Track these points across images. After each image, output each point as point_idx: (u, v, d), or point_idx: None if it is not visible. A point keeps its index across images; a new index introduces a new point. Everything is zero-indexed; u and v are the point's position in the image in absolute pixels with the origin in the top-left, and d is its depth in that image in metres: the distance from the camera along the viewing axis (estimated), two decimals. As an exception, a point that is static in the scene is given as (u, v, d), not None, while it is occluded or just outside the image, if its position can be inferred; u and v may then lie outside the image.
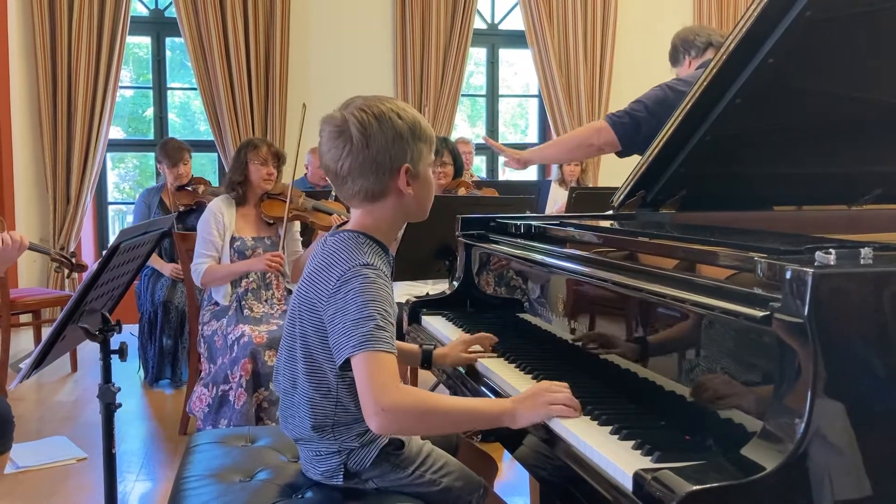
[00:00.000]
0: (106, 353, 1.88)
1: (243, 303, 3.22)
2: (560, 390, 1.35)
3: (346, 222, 1.52)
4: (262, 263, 3.19)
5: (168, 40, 6.37)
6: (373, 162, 1.40)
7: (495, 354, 1.77)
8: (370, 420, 1.31)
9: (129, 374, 4.37)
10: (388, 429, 1.35)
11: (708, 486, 0.93)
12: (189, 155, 4.52)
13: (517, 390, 1.48)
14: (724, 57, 1.66)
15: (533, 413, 1.33)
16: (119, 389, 1.88)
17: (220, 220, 3.26)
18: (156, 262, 4.28)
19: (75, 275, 5.73)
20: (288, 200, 3.32)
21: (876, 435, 0.99)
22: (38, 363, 1.84)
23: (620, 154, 2.80)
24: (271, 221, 3.36)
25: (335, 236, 1.46)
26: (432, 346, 1.82)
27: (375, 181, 1.42)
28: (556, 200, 5.41)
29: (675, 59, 3.04)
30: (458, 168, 3.88)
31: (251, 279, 3.26)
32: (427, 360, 1.79)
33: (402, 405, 1.29)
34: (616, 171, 5.28)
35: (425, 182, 1.49)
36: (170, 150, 4.46)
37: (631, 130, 2.60)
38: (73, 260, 2.74)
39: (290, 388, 1.49)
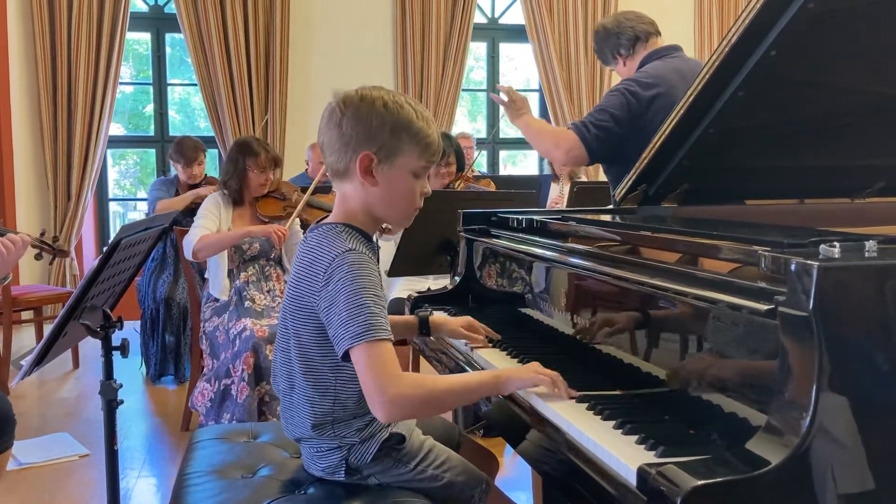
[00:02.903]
0: (107, 349, 1.88)
1: (244, 294, 3.22)
2: (550, 372, 1.41)
3: (327, 216, 1.52)
4: (269, 229, 3.17)
5: (168, 36, 6.36)
6: (340, 139, 1.41)
7: (491, 346, 1.78)
8: (376, 411, 1.32)
9: (131, 371, 4.37)
10: (394, 417, 1.38)
11: (713, 480, 0.93)
12: (204, 155, 4.51)
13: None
14: (727, 49, 1.65)
15: (519, 380, 1.42)
16: (121, 386, 1.87)
17: (219, 209, 3.26)
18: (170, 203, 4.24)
19: (70, 270, 5.75)
20: (296, 209, 3.32)
21: (881, 429, 0.99)
22: (40, 360, 1.83)
23: (587, 164, 2.72)
24: (267, 220, 3.35)
25: (313, 231, 1.46)
26: (428, 312, 1.84)
27: (339, 159, 1.42)
28: (550, 195, 5.41)
29: (604, 58, 2.87)
30: (460, 165, 3.88)
31: (250, 272, 3.25)
32: (424, 327, 1.81)
33: (407, 393, 1.31)
34: (617, 166, 5.28)
35: (398, 185, 1.43)
36: (185, 150, 4.41)
37: (604, 144, 2.53)
38: (55, 244, 2.69)
39: (288, 389, 1.49)
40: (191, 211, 4.29)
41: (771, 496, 0.93)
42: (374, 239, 1.50)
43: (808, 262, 0.97)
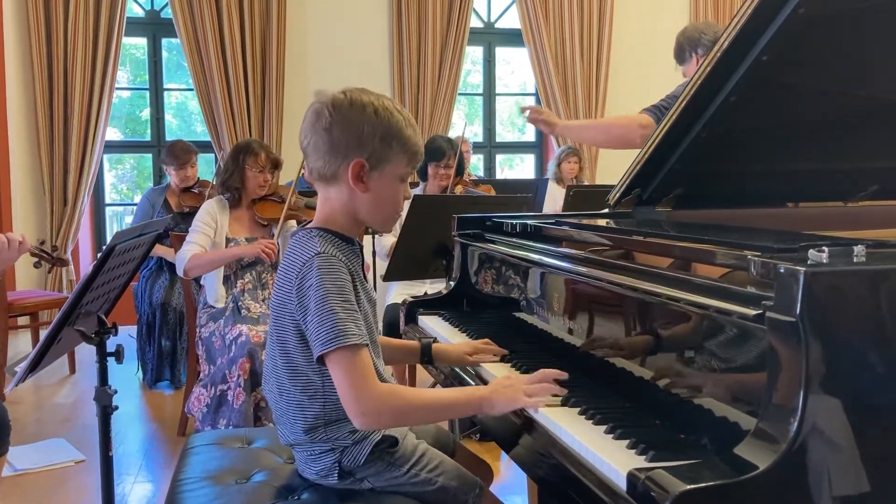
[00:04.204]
0: (102, 355, 1.88)
1: (240, 303, 3.22)
2: (538, 380, 1.40)
3: (311, 221, 1.52)
4: (256, 248, 3.16)
5: (165, 41, 6.37)
6: (330, 144, 1.40)
7: (497, 359, 1.74)
8: (354, 420, 1.36)
9: (128, 376, 4.37)
10: (369, 427, 1.41)
11: (701, 485, 0.93)
12: (196, 157, 4.49)
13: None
14: (719, 54, 1.65)
15: (509, 402, 1.38)
16: (115, 392, 1.88)
17: (214, 218, 3.26)
18: (163, 251, 4.19)
19: (66, 275, 5.74)
20: (289, 204, 3.32)
21: (870, 432, 0.99)
22: (34, 366, 1.84)
23: None
24: (265, 223, 3.35)
25: (292, 237, 1.48)
26: (431, 339, 1.81)
27: (328, 164, 1.42)
28: (557, 199, 5.40)
29: (681, 57, 3.08)
30: (460, 169, 3.88)
31: (246, 280, 3.26)
32: (427, 355, 1.77)
33: (383, 406, 1.34)
34: (614, 170, 5.27)
35: (386, 191, 1.44)
36: (177, 152, 4.40)
37: None
38: (55, 254, 2.70)
39: (277, 395, 1.49)
40: (186, 214, 4.30)
41: (759, 501, 0.94)
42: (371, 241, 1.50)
43: (796, 267, 0.97)
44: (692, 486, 0.93)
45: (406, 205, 2.47)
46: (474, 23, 6.68)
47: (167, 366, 4.28)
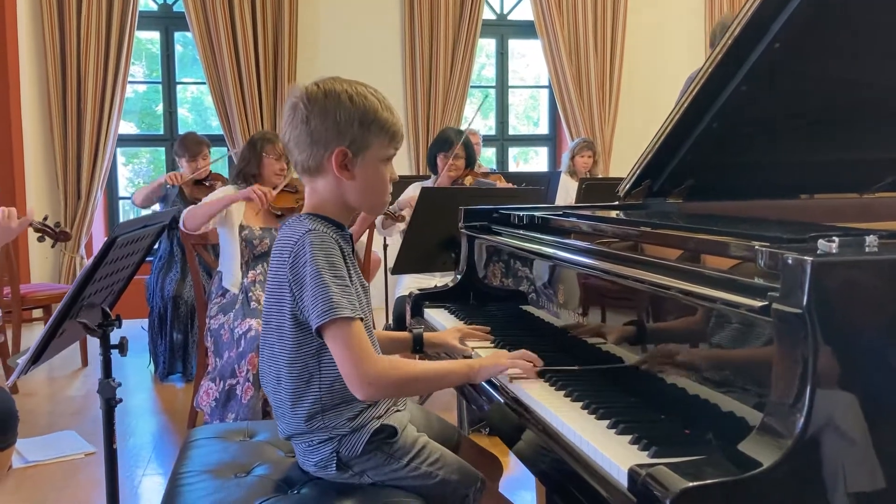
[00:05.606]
0: (106, 347, 1.87)
1: (250, 294, 3.21)
2: (515, 354, 1.49)
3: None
4: (248, 191, 3.18)
5: (181, 35, 6.37)
6: (309, 136, 1.42)
7: (489, 344, 1.76)
8: (355, 391, 1.37)
9: (139, 369, 4.38)
10: (372, 396, 1.42)
11: (703, 482, 0.90)
12: (209, 150, 4.52)
13: (517, 384, 1.46)
14: (730, 42, 1.62)
15: (490, 368, 1.48)
16: (119, 384, 1.86)
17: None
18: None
19: (81, 264, 5.76)
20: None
21: (880, 427, 0.96)
22: (36, 359, 1.83)
23: None
24: (279, 213, 3.35)
25: (283, 226, 1.48)
26: (422, 329, 1.84)
27: (310, 156, 1.43)
28: (569, 192, 5.35)
29: (713, 43, 3.10)
30: (471, 161, 3.86)
31: (258, 271, 3.24)
32: (418, 344, 1.80)
33: (385, 375, 1.37)
34: (628, 163, 5.23)
35: (372, 175, 1.46)
36: (189, 143, 4.44)
37: None
38: (57, 229, 2.70)
39: (276, 385, 1.48)
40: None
41: (763, 498, 0.91)
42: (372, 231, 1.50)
43: (803, 257, 0.94)
44: (694, 484, 0.90)
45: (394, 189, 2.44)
46: (487, 15, 6.63)
47: (178, 359, 4.28)
